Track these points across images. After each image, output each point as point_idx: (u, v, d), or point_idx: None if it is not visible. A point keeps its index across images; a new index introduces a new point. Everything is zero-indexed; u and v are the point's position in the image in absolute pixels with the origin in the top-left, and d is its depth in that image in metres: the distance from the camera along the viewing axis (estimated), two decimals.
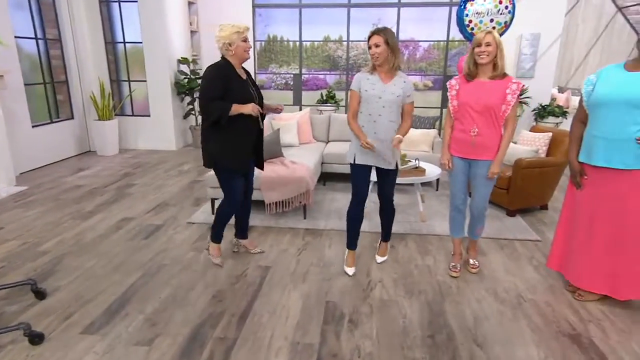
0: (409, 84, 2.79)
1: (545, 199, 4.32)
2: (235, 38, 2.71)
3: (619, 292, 2.53)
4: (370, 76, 2.79)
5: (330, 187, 5.13)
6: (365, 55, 9.66)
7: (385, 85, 2.75)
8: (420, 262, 3.23)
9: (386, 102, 2.74)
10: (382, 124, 2.76)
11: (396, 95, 2.73)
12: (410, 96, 2.80)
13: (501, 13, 4.78)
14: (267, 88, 10.34)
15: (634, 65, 2.34)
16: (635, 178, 2.35)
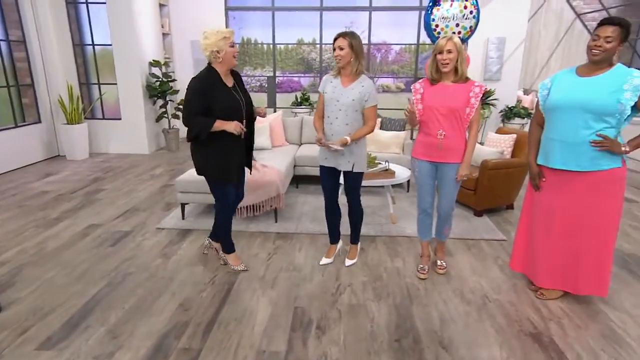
0: (368, 88, 2.73)
1: (510, 198, 4.36)
2: (223, 44, 2.58)
3: (577, 288, 2.56)
4: (334, 79, 2.81)
5: (303, 189, 5.06)
6: None
7: (344, 88, 2.75)
8: (390, 264, 3.20)
9: (342, 105, 2.73)
10: (338, 127, 2.78)
11: (351, 99, 2.71)
12: (370, 100, 2.75)
13: (466, 18, 4.82)
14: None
15: (585, 70, 2.36)
16: (590, 180, 2.37)
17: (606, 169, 2.33)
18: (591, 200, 2.40)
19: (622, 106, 2.21)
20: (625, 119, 2.28)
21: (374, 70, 8.96)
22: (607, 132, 2.29)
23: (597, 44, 2.22)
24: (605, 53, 2.22)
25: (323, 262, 3.17)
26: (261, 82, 10.12)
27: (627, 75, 2.22)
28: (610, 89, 2.23)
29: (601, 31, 2.22)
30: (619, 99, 2.21)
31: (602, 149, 2.29)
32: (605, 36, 2.19)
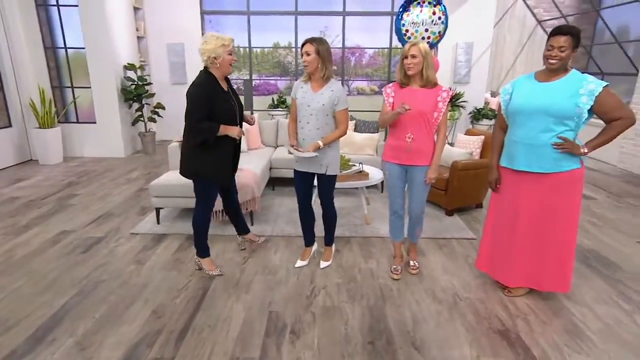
0: (337, 92, 2.70)
1: (479, 198, 4.40)
2: (222, 51, 2.57)
3: (541, 284, 2.58)
4: (304, 85, 2.77)
5: (279, 191, 4.98)
6: None
7: (314, 94, 2.71)
8: (364, 265, 3.16)
9: (313, 110, 2.70)
10: (309, 132, 2.74)
11: (322, 104, 2.68)
12: (340, 104, 2.71)
13: (435, 23, 4.83)
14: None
15: (543, 76, 2.38)
16: (552, 180, 2.39)
17: (567, 170, 2.35)
18: (553, 200, 2.42)
19: (579, 110, 2.24)
20: (582, 121, 2.30)
21: (349, 73, 8.92)
22: (566, 134, 2.31)
23: (553, 54, 2.26)
24: (562, 61, 2.26)
25: (298, 265, 3.11)
26: (238, 85, 9.96)
27: (582, 80, 2.26)
28: (567, 94, 2.25)
29: (554, 41, 2.25)
30: (576, 103, 2.24)
31: (563, 151, 2.31)
32: (559, 46, 2.23)
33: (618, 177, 5.85)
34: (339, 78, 8.69)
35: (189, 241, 3.56)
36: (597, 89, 2.21)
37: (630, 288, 2.83)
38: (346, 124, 2.77)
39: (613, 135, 2.28)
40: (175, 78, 8.03)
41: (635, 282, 2.92)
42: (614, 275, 3.01)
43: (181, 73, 8.01)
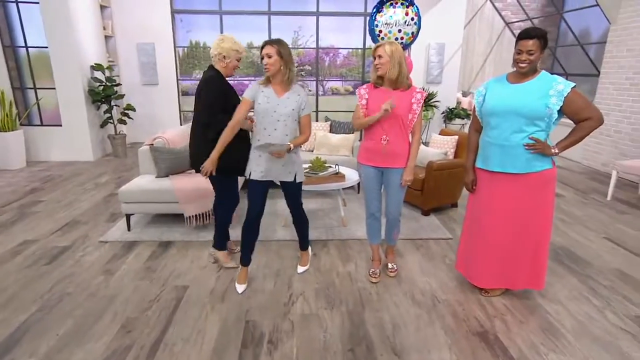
0: (303, 97, 2.60)
1: (455, 197, 4.42)
2: (233, 55, 2.71)
3: (514, 283, 2.59)
4: (265, 89, 2.57)
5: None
6: None
7: (279, 98, 2.55)
8: (342, 269, 3.10)
9: (281, 116, 2.54)
10: (277, 139, 2.56)
11: (291, 109, 2.55)
12: (306, 108, 2.61)
13: (407, 24, 4.83)
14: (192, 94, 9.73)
15: (514, 78, 2.39)
16: (525, 181, 2.39)
17: (539, 170, 2.36)
18: (527, 200, 2.42)
19: (549, 110, 2.25)
20: (553, 122, 2.31)
21: (323, 74, 8.86)
22: (538, 135, 2.32)
23: (522, 57, 2.26)
24: (531, 64, 2.27)
25: (240, 291, 2.75)
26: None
27: (552, 81, 2.27)
28: (538, 95, 2.26)
29: (522, 45, 2.25)
30: (546, 104, 2.24)
31: (534, 152, 2.32)
32: (527, 50, 2.23)
33: (583, 174, 6.03)
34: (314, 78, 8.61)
35: (161, 248, 3.41)
36: (565, 89, 2.22)
37: (600, 283, 2.89)
38: (310, 128, 2.66)
39: (582, 135, 2.30)
40: (145, 78, 7.75)
41: (604, 277, 2.98)
42: (584, 271, 3.07)
43: (152, 73, 7.75)
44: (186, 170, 3.97)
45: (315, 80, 9.01)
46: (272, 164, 2.63)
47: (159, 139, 4.10)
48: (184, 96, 9.31)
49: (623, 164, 4.69)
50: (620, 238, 3.69)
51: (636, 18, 5.70)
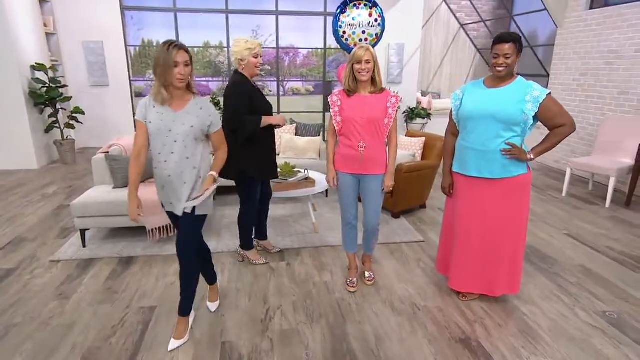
0: (208, 109, 2.11)
1: (423, 198, 4.46)
2: (247, 54, 2.68)
3: (493, 290, 2.61)
4: (157, 104, 2.07)
5: (219, 201, 4.66)
6: None
7: (175, 113, 2.05)
8: (318, 278, 3.01)
9: (178, 135, 2.04)
10: (176, 165, 2.06)
11: (189, 126, 2.04)
12: (214, 125, 2.14)
13: (372, 26, 4.81)
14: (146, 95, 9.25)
15: (491, 82, 2.40)
16: (502, 186, 2.41)
17: (515, 175, 2.39)
18: (503, 205, 2.45)
19: (525, 116, 2.28)
20: (528, 127, 2.35)
21: (283, 74, 8.72)
22: (514, 140, 2.34)
23: (499, 62, 2.27)
24: (508, 68, 2.28)
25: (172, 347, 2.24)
26: None
27: (528, 87, 2.30)
28: (514, 100, 2.28)
29: (499, 49, 2.26)
30: (522, 110, 2.27)
31: (511, 157, 2.34)
32: (504, 54, 2.25)
33: (538, 171, 6.31)
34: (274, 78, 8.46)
35: (122, 266, 3.16)
36: (541, 96, 2.25)
37: (567, 280, 2.99)
38: (226, 143, 2.25)
39: (556, 141, 2.35)
40: (94, 79, 7.25)
41: (570, 274, 3.09)
42: (552, 269, 3.17)
43: (101, 74, 7.26)
44: (146, 180, 3.72)
45: (276, 80, 8.86)
46: (171, 195, 2.17)
47: (115, 146, 3.82)
48: (138, 97, 8.84)
49: (576, 162, 4.94)
50: (579, 234, 3.87)
51: (580, 23, 6.04)
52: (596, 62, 5.74)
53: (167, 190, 2.17)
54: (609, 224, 4.13)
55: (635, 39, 5.10)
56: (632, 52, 5.15)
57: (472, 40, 9.73)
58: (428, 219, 4.24)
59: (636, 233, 3.89)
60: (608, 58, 5.52)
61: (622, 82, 5.31)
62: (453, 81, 9.97)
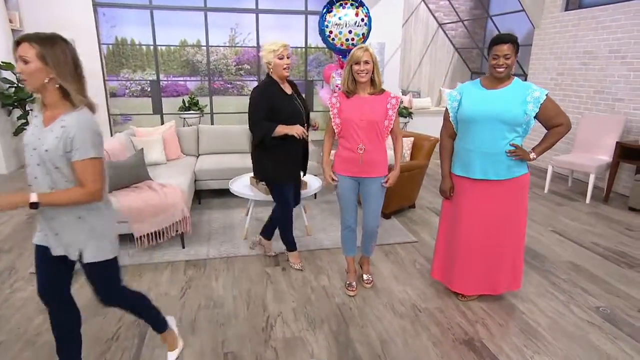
0: (72, 128, 1.56)
1: (413, 198, 4.50)
2: (271, 57, 2.71)
3: (496, 289, 2.65)
4: (39, 114, 1.67)
5: (206, 204, 4.55)
6: (225, 60, 9.08)
7: (43, 129, 1.62)
8: (315, 283, 2.98)
9: (39, 157, 1.60)
10: (40, 191, 1.62)
11: (44, 149, 1.57)
12: (79, 150, 1.57)
13: (358, 25, 4.81)
14: (121, 95, 9.00)
15: (489, 83, 2.41)
16: (506, 187, 2.43)
17: (518, 175, 2.42)
18: (507, 205, 2.47)
19: (527, 117, 2.31)
20: (529, 128, 2.38)
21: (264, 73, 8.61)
22: (516, 141, 2.37)
23: (499, 62, 2.28)
24: (508, 69, 2.30)
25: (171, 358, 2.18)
26: (142, 85, 9.04)
27: (527, 88, 2.33)
28: (517, 101, 2.30)
29: (498, 50, 2.27)
30: (524, 110, 2.30)
31: (516, 158, 2.37)
32: (504, 54, 2.26)
33: None
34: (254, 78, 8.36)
35: None
36: (541, 96, 2.29)
37: (559, 277, 3.08)
38: (96, 183, 1.62)
39: (555, 141, 2.40)
40: None
41: (561, 270, 3.18)
42: (543, 266, 3.26)
43: None
44: (131, 185, 3.59)
45: (257, 79, 8.75)
46: (46, 226, 1.73)
47: None
48: (113, 98, 8.55)
49: (558, 160, 5.10)
50: (564, 230, 3.99)
51: (556, 24, 6.23)
52: (572, 62, 5.94)
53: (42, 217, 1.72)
54: (591, 219, 4.28)
55: (609, 40, 5.30)
56: (606, 52, 5.35)
57: (451, 40, 9.89)
58: (418, 219, 4.28)
59: (616, 228, 4.05)
60: (584, 58, 5.72)
61: (597, 82, 5.51)
62: (432, 80, 10.11)
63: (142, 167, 3.71)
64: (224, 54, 9.01)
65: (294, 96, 2.88)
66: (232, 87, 9.43)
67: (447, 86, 10.11)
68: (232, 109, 9.29)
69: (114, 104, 8.50)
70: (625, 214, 4.43)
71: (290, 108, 2.80)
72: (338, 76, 4.70)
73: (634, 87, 4.98)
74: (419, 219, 4.27)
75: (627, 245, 3.64)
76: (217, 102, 8.57)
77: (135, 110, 9.23)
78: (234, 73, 9.20)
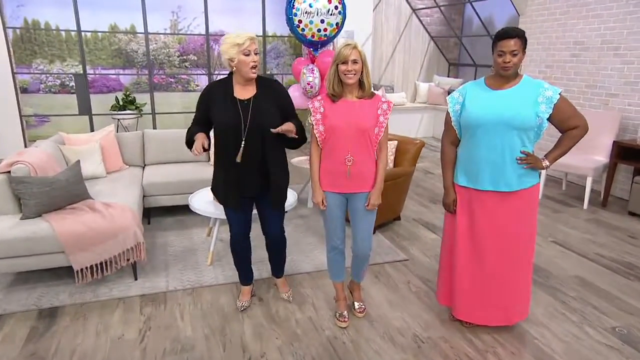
0: None
1: (398, 210, 4.60)
2: (235, 52, 2.52)
3: (510, 318, 2.72)
4: None
5: (157, 225, 4.42)
6: (167, 50, 8.89)
7: None
8: (300, 315, 2.98)
9: None
10: None
11: None
12: None
13: (331, 14, 4.87)
14: (35, 91, 8.58)
15: (494, 83, 2.50)
16: (517, 199, 2.51)
17: (530, 186, 2.52)
18: (517, 219, 2.54)
19: (540, 119, 2.40)
20: (541, 132, 2.48)
21: (214, 65, 8.53)
22: (527, 147, 2.46)
23: (506, 59, 2.36)
24: (515, 66, 2.39)
25: None
26: (62, 80, 8.65)
27: (539, 87, 2.42)
28: (528, 102, 2.39)
29: (504, 46, 2.34)
30: (537, 112, 2.39)
31: (528, 167, 2.46)
32: (510, 50, 2.34)
33: None
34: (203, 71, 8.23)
35: (44, 321, 2.88)
36: (554, 96, 2.38)
37: (567, 295, 3.26)
38: None
39: (571, 145, 2.51)
40: None
41: (568, 287, 3.37)
42: (548, 282, 3.43)
43: None
44: (67, 206, 3.42)
45: (207, 73, 8.63)
46: None
47: (20, 164, 3.46)
48: (24, 94, 8.11)
49: None
50: (565, 240, 4.23)
51: (543, 12, 6.63)
52: (562, 54, 6.33)
53: None
54: (591, 227, 4.56)
55: (601, 30, 5.70)
56: (598, 43, 5.75)
57: (426, 27, 10.22)
58: (406, 233, 4.38)
59: (619, 236, 4.35)
60: (574, 50, 6.11)
61: (589, 75, 5.91)
62: (406, 72, 10.40)
63: (80, 184, 3.55)
64: (165, 42, 8.80)
65: (247, 103, 2.64)
66: (176, 82, 9.22)
67: (422, 79, 10.43)
68: (178, 108, 9.08)
69: (26, 102, 8.07)
70: (625, 220, 4.77)
71: (225, 118, 2.62)
72: (310, 72, 4.72)
73: (629, 81, 5.38)
74: (407, 233, 4.38)
75: (633, 255, 3.92)
76: (159, 100, 8.36)
77: (55, 109, 8.81)
78: (178, 65, 9.01)
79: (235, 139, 2.62)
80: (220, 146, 2.69)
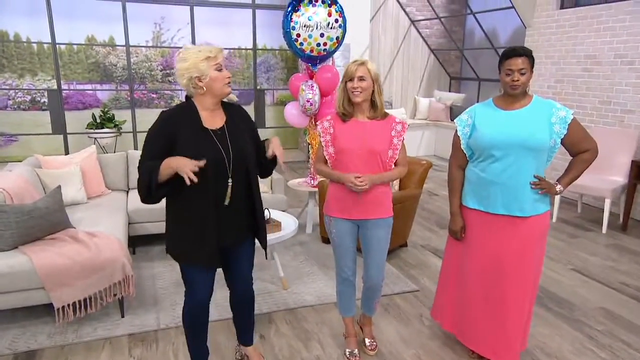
0: None
1: (405, 235, 4.62)
2: (205, 67, 2.20)
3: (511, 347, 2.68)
4: None
5: (143, 255, 4.39)
6: (149, 63, 8.95)
7: None
8: (306, 353, 2.96)
9: None
10: None
11: None
12: None
13: (332, 27, 4.96)
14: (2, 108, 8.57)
15: (503, 103, 2.59)
16: (530, 225, 2.56)
17: (542, 213, 2.57)
18: (529, 247, 2.58)
19: (553, 141, 2.49)
20: (553, 154, 2.57)
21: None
22: (539, 171, 2.55)
23: (514, 78, 2.45)
24: (524, 85, 2.49)
25: None
26: (34, 96, 8.66)
27: (551, 107, 2.52)
28: (541, 123, 2.48)
29: (512, 64, 2.45)
30: (550, 134, 2.48)
31: (542, 192, 2.53)
32: (519, 69, 2.44)
33: None
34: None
35: None
36: (568, 116, 2.48)
37: (594, 328, 3.28)
38: None
39: (583, 169, 2.59)
40: None
41: (593, 320, 3.39)
42: (572, 315, 3.45)
43: None
44: (46, 236, 3.39)
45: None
46: None
47: None
48: None
49: None
50: (586, 268, 4.27)
51: (551, 24, 6.82)
52: (572, 68, 6.49)
53: None
54: (612, 253, 4.62)
55: (614, 43, 5.88)
56: (611, 57, 5.92)
57: (425, 40, 10.44)
58: (414, 261, 4.40)
59: None
60: (585, 64, 6.28)
61: (602, 91, 6.06)
62: (406, 86, 10.56)
63: (61, 212, 3.52)
64: (147, 55, 8.87)
65: (222, 132, 2.35)
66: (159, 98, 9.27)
67: (422, 94, 10.60)
68: None
69: None
70: None
71: (203, 153, 2.19)
72: (309, 89, 4.78)
73: None
74: (415, 261, 4.39)
75: None
76: (140, 117, 8.37)
77: (24, 128, 8.80)
78: (160, 80, 9.07)
79: (217, 177, 2.28)
80: (191, 191, 2.17)
